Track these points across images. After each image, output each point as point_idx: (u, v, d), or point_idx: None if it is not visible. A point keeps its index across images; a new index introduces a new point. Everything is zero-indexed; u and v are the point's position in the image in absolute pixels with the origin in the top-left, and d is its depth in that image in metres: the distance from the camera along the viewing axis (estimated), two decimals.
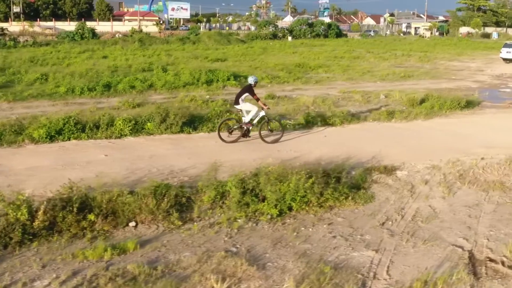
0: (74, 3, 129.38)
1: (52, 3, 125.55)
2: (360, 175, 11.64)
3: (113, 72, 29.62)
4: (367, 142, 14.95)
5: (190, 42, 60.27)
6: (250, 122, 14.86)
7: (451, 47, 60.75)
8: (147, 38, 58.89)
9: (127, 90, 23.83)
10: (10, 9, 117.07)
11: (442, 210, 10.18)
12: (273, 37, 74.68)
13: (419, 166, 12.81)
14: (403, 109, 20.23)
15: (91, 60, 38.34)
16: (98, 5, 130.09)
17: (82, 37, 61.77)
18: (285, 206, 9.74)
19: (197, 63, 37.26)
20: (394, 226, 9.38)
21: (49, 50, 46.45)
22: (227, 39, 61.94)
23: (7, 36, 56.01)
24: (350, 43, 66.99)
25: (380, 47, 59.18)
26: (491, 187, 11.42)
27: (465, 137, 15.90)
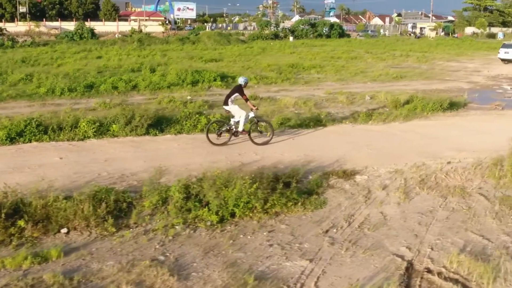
0: (80, 3, 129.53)
1: (58, 3, 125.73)
2: (315, 180, 11.29)
3: (101, 73, 29.39)
4: (335, 145, 14.59)
5: (190, 42, 60.02)
6: (244, 130, 14.60)
7: (453, 48, 60.10)
8: (146, 38, 58.74)
9: (109, 91, 23.59)
10: (16, 9, 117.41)
11: (393, 217, 9.81)
12: (275, 37, 74.28)
13: (382, 170, 12.44)
14: (383, 111, 19.80)
15: (85, 60, 38.19)
16: (104, 5, 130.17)
17: (81, 37, 61.71)
18: (227, 212, 9.40)
19: (190, 63, 36.97)
20: (337, 234, 9.03)
21: (45, 50, 46.38)
22: (227, 39, 61.65)
23: (5, 36, 56.02)
24: (351, 44, 66.46)
25: (380, 48, 58.62)
26: (450, 193, 11.04)
27: (439, 140, 15.48)
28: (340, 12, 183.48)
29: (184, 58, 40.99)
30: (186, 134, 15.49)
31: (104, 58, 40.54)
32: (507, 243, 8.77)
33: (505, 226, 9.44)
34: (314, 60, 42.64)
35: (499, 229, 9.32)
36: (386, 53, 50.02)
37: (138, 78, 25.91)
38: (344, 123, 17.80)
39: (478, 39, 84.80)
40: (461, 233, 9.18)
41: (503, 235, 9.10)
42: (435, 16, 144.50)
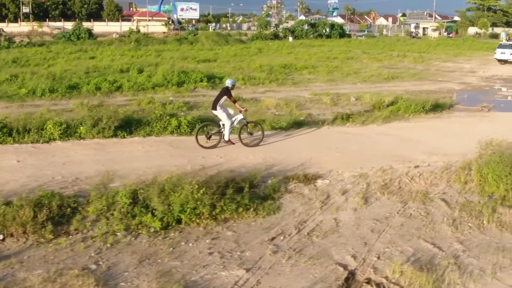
0: (84, 4, 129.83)
1: (61, 3, 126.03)
2: (273, 185, 10.99)
3: (89, 73, 29.17)
4: (305, 148, 14.28)
5: (188, 43, 59.73)
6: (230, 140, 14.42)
7: (453, 48, 59.54)
8: (144, 39, 58.49)
9: (91, 92, 23.33)
10: (20, 9, 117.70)
11: (346, 224, 9.49)
12: (275, 38, 73.90)
13: (346, 174, 12.12)
14: (365, 112, 19.47)
15: (77, 61, 37.95)
16: (107, 6, 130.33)
17: (78, 38, 61.55)
18: (172, 219, 9.10)
19: (182, 63, 36.64)
20: (284, 242, 8.72)
21: (40, 51, 46.19)
22: (226, 40, 61.32)
23: (2, 36, 55.93)
24: (350, 44, 65.99)
25: (378, 48, 58.17)
26: (411, 198, 10.71)
27: (414, 142, 15.14)
28: (345, 12, 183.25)
29: (178, 58, 40.68)
30: (155, 136, 15.20)
31: (98, 58, 40.31)
32: (458, 252, 8.44)
33: (460, 234, 9.10)
34: (309, 60, 42.28)
35: (454, 237, 8.99)
36: (383, 54, 49.57)
37: (123, 79, 25.58)
38: (321, 125, 17.39)
39: (481, 39, 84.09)
40: (413, 241, 8.85)
41: (456, 243, 8.76)
42: (441, 16, 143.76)
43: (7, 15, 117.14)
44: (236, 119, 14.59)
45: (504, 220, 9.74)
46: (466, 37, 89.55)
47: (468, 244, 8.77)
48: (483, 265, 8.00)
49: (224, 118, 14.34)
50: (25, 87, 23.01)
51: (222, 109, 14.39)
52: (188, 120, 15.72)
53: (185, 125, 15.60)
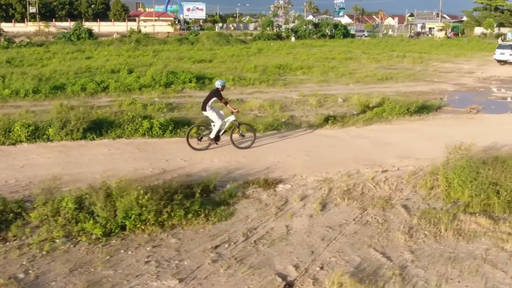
0: (90, 4, 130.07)
1: (68, 3, 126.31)
2: (229, 190, 10.68)
3: (80, 74, 29.02)
4: (274, 151, 13.96)
5: (188, 43, 59.54)
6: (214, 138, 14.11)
7: (455, 48, 58.89)
8: (144, 39, 58.32)
9: (76, 92, 23.12)
10: (27, 9, 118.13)
11: (297, 231, 9.16)
12: (277, 38, 73.54)
13: (310, 178, 11.79)
14: (349, 114, 19.14)
15: (72, 61, 37.81)
16: (114, 6, 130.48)
17: (78, 38, 61.51)
18: (115, 225, 8.82)
19: (178, 64, 36.48)
20: (227, 250, 8.41)
21: (38, 51, 46.13)
22: (227, 40, 61.05)
23: (2, 36, 56.01)
24: (353, 44, 65.50)
25: (380, 48, 57.69)
26: (372, 204, 10.36)
27: (389, 145, 14.78)
28: (354, 12, 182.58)
29: (174, 58, 40.48)
30: (125, 138, 14.93)
31: (93, 59, 40.14)
32: (407, 262, 8.10)
33: (413, 243, 8.75)
34: (307, 61, 41.94)
35: (406, 246, 8.64)
36: (383, 54, 49.13)
37: (110, 80, 25.34)
38: (300, 127, 17.06)
39: (486, 40, 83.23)
40: (363, 249, 8.52)
41: (407, 252, 8.42)
42: (450, 16, 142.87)
43: (14, 15, 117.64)
44: (228, 120, 14.36)
45: (464, 228, 9.37)
46: (471, 37, 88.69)
47: (420, 253, 8.41)
48: (429, 277, 7.66)
49: (215, 118, 14.13)
50: (9, 88, 22.80)
51: (212, 110, 14.16)
52: (160, 122, 15.43)
53: (157, 127, 15.31)
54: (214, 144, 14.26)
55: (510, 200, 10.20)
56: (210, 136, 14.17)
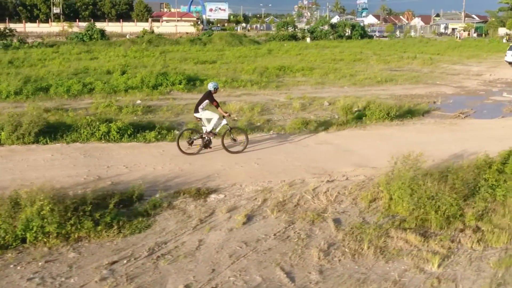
0: (114, 4, 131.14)
1: (92, 4, 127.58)
2: (154, 200, 10.18)
3: (76, 74, 28.96)
4: (223, 158, 13.43)
5: (201, 43, 59.29)
6: (212, 131, 13.81)
7: (472, 49, 57.31)
8: (156, 39, 58.26)
9: (59, 94, 22.89)
10: (51, 10, 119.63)
11: (209, 246, 8.63)
12: (292, 38, 72.80)
13: (249, 188, 11.24)
14: (330, 118, 18.56)
15: (76, 61, 37.87)
16: (137, 6, 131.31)
17: (90, 38, 61.76)
18: (14, 237, 8.39)
19: (179, 65, 36.32)
20: (124, 266, 7.93)
21: (47, 51, 46.36)
22: (239, 40, 60.60)
23: (15, 37, 56.53)
24: (368, 45, 64.36)
25: (393, 49, 56.60)
26: (302, 217, 9.75)
27: (350, 153, 14.12)
28: (381, 12, 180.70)
29: (178, 59, 40.29)
30: (80, 143, 14.55)
31: (98, 59, 40.15)
32: (310, 284, 7.53)
33: (327, 262, 8.15)
34: (313, 62, 41.28)
35: (317, 265, 8.04)
36: (395, 55, 48.06)
37: (98, 81, 25.07)
38: (268, 132, 16.49)
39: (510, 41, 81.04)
40: (269, 268, 7.94)
41: (315, 272, 7.83)
42: (478, 16, 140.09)
43: (38, 16, 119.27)
44: (220, 124, 13.99)
45: (390, 245, 8.71)
46: (493, 38, 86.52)
47: (329, 274, 7.81)
48: None
49: (209, 114, 13.87)
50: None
51: (204, 111, 13.85)
52: (118, 126, 15.01)
53: (115, 132, 14.89)
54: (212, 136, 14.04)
55: (449, 215, 9.50)
56: (207, 129, 13.83)
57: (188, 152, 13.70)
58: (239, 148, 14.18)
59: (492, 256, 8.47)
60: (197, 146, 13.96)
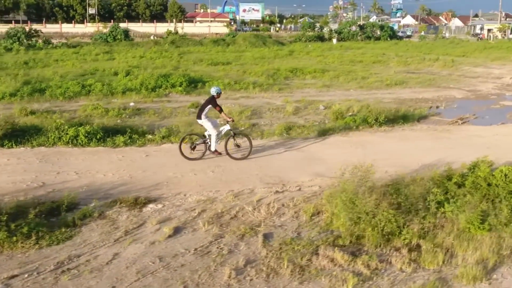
0: (148, 5, 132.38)
1: (126, 5, 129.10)
2: (84, 210, 9.85)
3: (80, 76, 29.06)
4: (179, 165, 12.99)
5: (224, 44, 59.10)
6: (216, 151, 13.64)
7: (502, 51, 55.36)
8: (180, 40, 58.34)
9: (54, 95, 22.89)
10: (86, 11, 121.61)
11: (121, 261, 8.26)
12: (319, 39, 71.91)
13: (192, 198, 10.81)
14: (321, 123, 18.04)
15: (92, 63, 38.01)
16: (171, 7, 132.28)
17: (114, 39, 62.23)
18: None
19: (190, 66, 36.27)
20: (22, 281, 7.64)
21: (68, 52, 46.89)
22: (263, 41, 60.14)
23: (40, 37, 57.35)
24: (395, 46, 63.04)
25: (418, 51, 55.26)
26: (233, 231, 9.27)
27: (317, 161, 13.54)
28: (421, 12, 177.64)
29: (193, 60, 40.13)
30: (47, 147, 14.38)
31: (115, 60, 40.29)
32: None
33: (236, 281, 7.70)
34: (331, 64, 40.59)
35: (224, 285, 7.58)
36: (417, 57, 46.84)
37: (97, 83, 25.01)
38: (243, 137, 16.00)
39: None
40: (172, 287, 7.48)
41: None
42: None
43: (74, 16, 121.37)
44: (223, 129, 13.69)
45: (314, 264, 8.16)
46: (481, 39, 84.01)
47: None
48: None
49: (209, 128, 13.46)
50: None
51: (207, 119, 13.50)
52: (86, 130, 14.76)
53: (83, 136, 14.66)
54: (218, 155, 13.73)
55: (388, 232, 8.88)
56: (211, 149, 13.55)
57: (191, 157, 13.40)
58: (243, 154, 13.78)
59: (419, 279, 7.83)
60: (200, 151, 13.63)
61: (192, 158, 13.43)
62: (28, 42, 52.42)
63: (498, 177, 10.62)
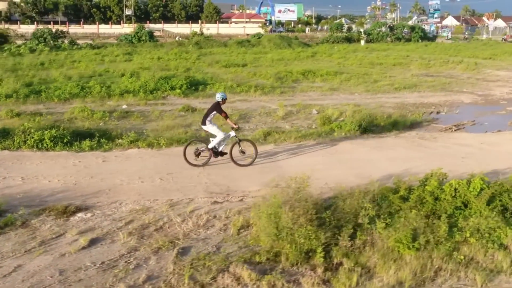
0: (184, 6, 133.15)
1: (163, 6, 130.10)
2: (9, 217, 9.66)
3: (87, 77, 29.22)
4: (129, 172, 12.67)
5: (249, 46, 58.80)
6: (213, 149, 13.31)
7: None
8: (204, 41, 58.30)
9: (50, 97, 22.99)
10: (123, 11, 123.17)
11: (21, 274, 8.04)
12: (347, 41, 70.83)
13: (126, 207, 10.51)
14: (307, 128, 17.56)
15: (109, 64, 38.31)
16: (207, 8, 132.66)
17: (139, 40, 62.62)
18: None
19: (205, 68, 36.16)
20: None
21: (89, 53, 47.33)
22: (288, 43, 59.53)
23: (67, 38, 58.11)
24: (423, 48, 61.59)
25: (445, 53, 53.84)
26: (150, 244, 8.89)
27: (275, 170, 12.98)
28: (464, 13, 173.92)
29: (208, 62, 39.93)
30: (11, 150, 14.33)
31: (133, 61, 40.47)
32: None
33: None
34: (350, 66, 39.87)
35: None
36: (441, 59, 45.56)
37: (97, 85, 24.98)
38: None
39: None
40: None
41: None
42: None
43: (111, 17, 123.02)
44: (229, 136, 13.47)
45: (218, 283, 7.75)
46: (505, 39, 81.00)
47: None
48: None
49: (215, 131, 13.28)
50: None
51: (212, 124, 13.30)
52: (52, 134, 14.64)
53: (48, 139, 14.54)
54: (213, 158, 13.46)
55: (307, 249, 8.39)
56: (209, 146, 13.29)
57: (195, 164, 13.20)
58: (248, 161, 13.53)
59: None
60: (204, 158, 13.41)
61: (196, 164, 13.20)
62: (54, 43, 53.16)
63: (447, 191, 9.97)
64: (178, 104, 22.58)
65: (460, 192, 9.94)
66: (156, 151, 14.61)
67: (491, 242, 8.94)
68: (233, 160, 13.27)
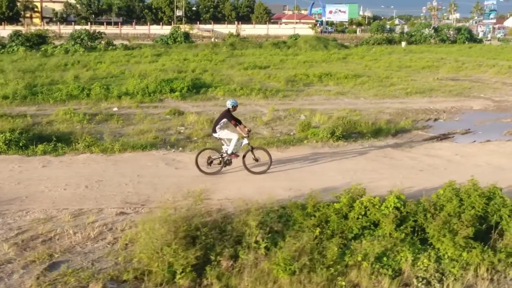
0: (235, 7, 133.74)
1: (213, 7, 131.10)
2: None
3: (102, 79, 29.53)
4: (50, 180, 12.39)
5: (285, 47, 58.24)
6: (233, 153, 13.12)
7: None
8: (239, 43, 58.12)
9: (46, 99, 23.25)
10: (174, 12, 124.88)
11: None
12: (388, 42, 69.06)
13: (31, 216, 10.25)
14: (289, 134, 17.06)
15: (134, 65, 38.64)
16: (257, 9, 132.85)
17: (175, 41, 62.99)
18: None
19: (224, 69, 35.94)
20: None
21: (120, 54, 47.88)
22: (324, 44, 58.56)
23: (103, 39, 59.00)
24: (464, 51, 59.19)
25: (484, 56, 51.61)
26: (25, 257, 8.62)
27: (203, 181, 12.45)
28: None
29: (232, 64, 39.68)
30: None
31: (158, 62, 40.66)
32: None
33: None
34: (376, 69, 38.87)
35: None
36: (474, 62, 43.72)
37: (96, 87, 25.06)
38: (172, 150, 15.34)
39: None
40: None
41: None
42: None
43: (162, 18, 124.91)
44: (241, 143, 13.27)
45: None
46: None
47: None
48: None
49: (228, 135, 13.12)
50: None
51: (222, 129, 13.14)
52: (6, 137, 14.63)
53: (2, 143, 14.55)
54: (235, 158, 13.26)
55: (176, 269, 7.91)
56: (228, 151, 13.03)
57: (207, 172, 12.94)
58: (262, 169, 13.14)
59: None
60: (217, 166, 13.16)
61: (208, 172, 12.92)
62: (91, 44, 54.14)
63: (356, 209, 9.25)
64: (179, 107, 22.35)
65: (371, 210, 9.19)
66: (106, 157, 14.34)
67: (386, 267, 8.19)
68: (247, 168, 12.93)
